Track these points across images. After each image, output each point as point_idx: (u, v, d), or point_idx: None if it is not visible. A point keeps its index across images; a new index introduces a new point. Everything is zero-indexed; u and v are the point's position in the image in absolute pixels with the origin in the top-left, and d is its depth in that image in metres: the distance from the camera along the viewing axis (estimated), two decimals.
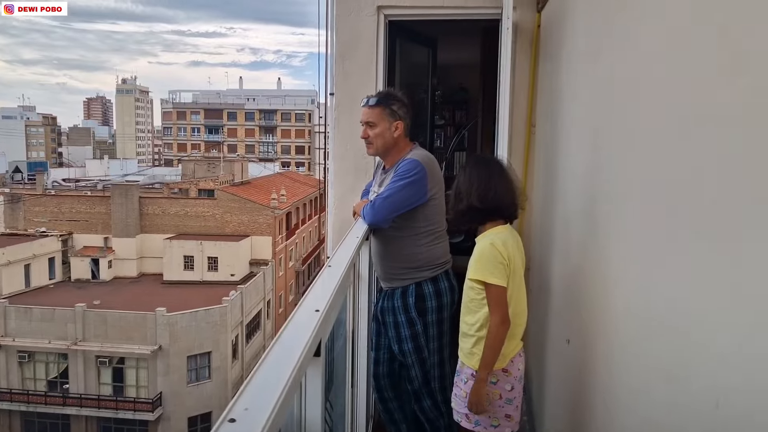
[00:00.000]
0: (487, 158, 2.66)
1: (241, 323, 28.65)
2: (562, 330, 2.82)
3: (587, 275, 2.40)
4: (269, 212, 34.14)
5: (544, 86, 3.61)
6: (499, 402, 2.44)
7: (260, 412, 0.95)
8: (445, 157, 6.87)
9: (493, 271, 2.36)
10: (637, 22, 1.91)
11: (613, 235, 2.08)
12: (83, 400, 25.54)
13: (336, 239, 4.14)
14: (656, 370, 1.62)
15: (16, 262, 29.64)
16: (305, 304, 1.56)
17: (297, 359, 1.16)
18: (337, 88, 4.14)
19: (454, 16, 4.09)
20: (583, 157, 2.57)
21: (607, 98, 2.20)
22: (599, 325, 2.22)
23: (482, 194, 2.43)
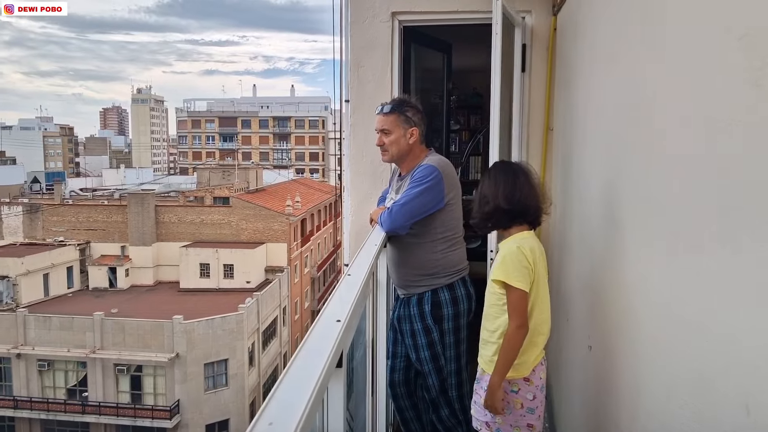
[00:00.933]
0: (511, 162, 2.65)
1: (258, 330, 28.73)
2: (583, 336, 2.78)
3: (609, 280, 2.37)
4: (284, 219, 34.24)
5: (561, 89, 3.58)
6: (520, 411, 2.41)
7: (285, 427, 0.93)
8: (461, 162, 6.84)
9: (517, 275, 2.32)
10: (659, 23, 1.88)
11: (637, 240, 2.05)
12: (102, 407, 25.75)
13: (353, 246, 4.13)
14: (683, 376, 1.59)
15: (35, 271, 29.99)
16: (326, 313, 1.54)
17: (320, 372, 1.15)
18: (352, 94, 4.14)
19: (468, 21, 4.07)
20: (603, 160, 2.54)
21: (628, 101, 2.18)
22: (622, 331, 2.19)
23: (509, 196, 2.41)
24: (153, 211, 34.51)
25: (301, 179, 54.37)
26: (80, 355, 25.80)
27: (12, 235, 35.03)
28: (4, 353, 26.19)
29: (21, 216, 35.57)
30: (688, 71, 1.59)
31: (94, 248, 34.69)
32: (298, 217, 35.64)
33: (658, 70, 1.87)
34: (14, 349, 26.03)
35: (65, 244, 33.50)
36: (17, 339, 26.20)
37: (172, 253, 33.05)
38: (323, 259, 41.37)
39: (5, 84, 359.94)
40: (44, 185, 51.52)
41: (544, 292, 2.42)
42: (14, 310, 27.17)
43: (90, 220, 35.20)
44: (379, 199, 3.39)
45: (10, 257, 29.86)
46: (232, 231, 34.35)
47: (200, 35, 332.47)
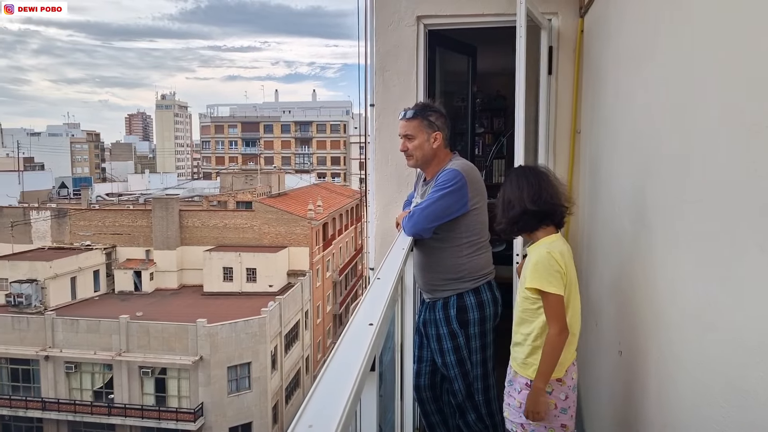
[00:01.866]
0: (530, 166, 2.66)
1: (280, 334, 28.88)
2: (613, 341, 2.75)
3: (639, 284, 2.35)
4: (306, 223, 34.42)
5: (588, 91, 3.55)
6: (554, 411, 2.42)
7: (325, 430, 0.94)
8: (485, 165, 6.81)
9: (551, 280, 2.33)
10: (689, 24, 1.86)
11: (668, 243, 2.03)
12: (127, 409, 26.07)
13: (379, 250, 4.13)
14: (716, 382, 1.57)
15: (63, 275, 30.52)
16: (358, 317, 1.55)
17: (356, 375, 1.15)
18: (377, 99, 4.15)
19: (494, 24, 4.06)
20: (633, 162, 2.52)
21: (660, 101, 2.15)
22: (653, 336, 2.16)
23: (534, 197, 2.42)
24: (177, 215, 34.92)
25: (322, 183, 54.66)
26: (106, 358, 26.18)
27: (40, 240, 35.72)
28: (32, 355, 26.68)
29: (49, 220, 36.25)
30: (721, 68, 1.57)
31: (120, 252, 35.22)
32: (320, 221, 35.79)
33: (688, 72, 1.85)
34: (42, 352, 26.50)
35: (92, 248, 34.07)
36: (45, 341, 26.68)
37: (196, 256, 33.40)
38: (345, 263, 41.47)
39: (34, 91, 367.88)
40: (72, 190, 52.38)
41: (575, 293, 2.42)
42: (43, 313, 27.67)
43: (116, 225, 35.74)
44: (405, 203, 3.38)
45: (38, 261, 30.44)
46: (255, 235, 34.61)
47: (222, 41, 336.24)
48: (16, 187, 44.52)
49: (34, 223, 36.03)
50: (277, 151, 78.00)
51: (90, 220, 36.15)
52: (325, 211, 37.45)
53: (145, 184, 60.24)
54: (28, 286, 29.10)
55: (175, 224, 34.70)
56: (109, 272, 34.31)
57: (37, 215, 36.35)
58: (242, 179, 44.32)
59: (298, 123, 78.24)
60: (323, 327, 36.99)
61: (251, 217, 35.04)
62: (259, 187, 41.48)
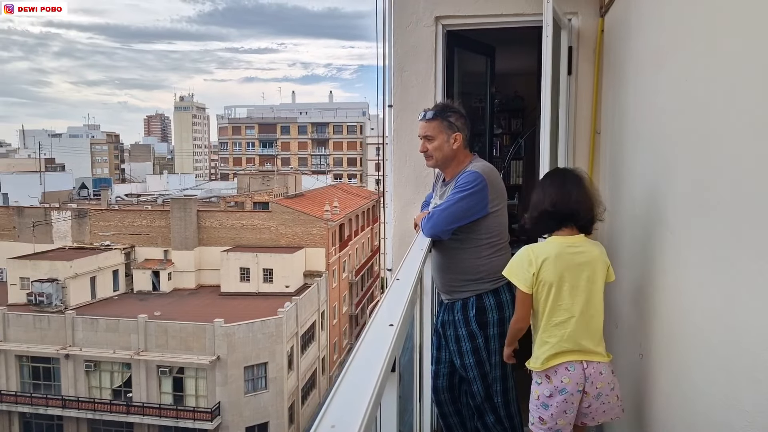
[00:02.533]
0: (563, 168, 2.67)
1: (296, 334, 28.99)
2: (634, 344, 2.72)
3: (662, 286, 2.32)
4: (322, 224, 34.52)
5: (609, 92, 3.52)
6: (535, 402, 2.50)
7: (348, 430, 0.94)
8: (503, 166, 6.78)
9: (516, 272, 2.48)
10: (712, 24, 1.84)
11: (692, 244, 2.00)
12: (145, 408, 26.33)
13: (397, 251, 4.13)
14: (743, 385, 1.54)
15: (83, 274, 30.90)
16: (378, 318, 1.55)
17: (378, 375, 1.15)
18: (395, 99, 4.15)
19: (513, 24, 4.04)
20: (654, 164, 2.49)
21: (681, 102, 2.13)
22: (676, 339, 2.14)
23: (555, 199, 2.44)
24: (195, 216, 35.21)
25: (339, 184, 54.78)
26: (125, 357, 26.47)
27: (61, 239, 36.21)
28: (53, 354, 27.06)
29: (70, 221, 36.73)
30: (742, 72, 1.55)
31: (139, 252, 35.58)
32: (336, 222, 35.89)
33: (710, 72, 1.83)
34: (63, 350, 26.87)
35: (111, 248, 34.46)
36: (65, 340, 27.04)
37: (214, 257, 33.65)
38: (361, 264, 41.53)
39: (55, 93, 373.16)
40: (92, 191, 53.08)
41: (566, 299, 2.41)
42: (63, 312, 28.05)
43: (134, 225, 36.12)
44: (423, 204, 3.38)
45: (59, 260, 30.86)
46: (272, 236, 34.79)
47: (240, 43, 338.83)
48: (37, 188, 45.19)
49: (55, 223, 36.54)
50: (294, 153, 78.36)
51: (109, 221, 36.58)
52: (342, 212, 37.54)
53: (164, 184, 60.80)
54: (49, 285, 29.51)
55: (193, 225, 34.99)
56: (128, 272, 34.68)
57: (58, 215, 36.86)
58: (259, 180, 44.59)
59: (314, 124, 78.53)
60: (339, 328, 37.07)
61: (268, 218, 35.22)
62: (275, 188, 41.70)
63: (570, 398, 2.41)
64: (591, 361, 2.43)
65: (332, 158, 77.60)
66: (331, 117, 78.72)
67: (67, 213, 37.37)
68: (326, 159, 77.85)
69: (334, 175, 69.48)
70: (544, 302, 2.43)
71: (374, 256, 43.13)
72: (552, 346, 2.43)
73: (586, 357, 2.42)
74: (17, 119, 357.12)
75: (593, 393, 2.43)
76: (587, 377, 2.41)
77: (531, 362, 2.52)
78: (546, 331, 2.45)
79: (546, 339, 2.44)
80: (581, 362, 2.42)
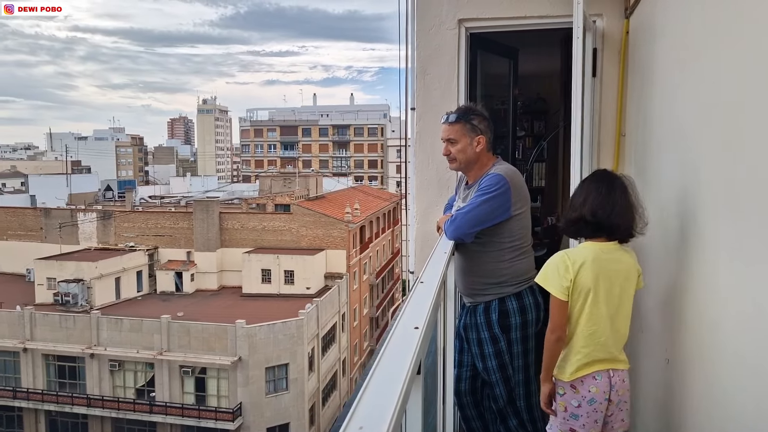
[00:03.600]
0: (611, 174, 2.51)
1: (317, 336, 29.07)
2: (660, 349, 2.69)
3: (689, 290, 2.29)
4: (343, 226, 34.60)
5: (634, 93, 3.49)
6: (564, 414, 2.43)
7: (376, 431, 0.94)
8: (525, 169, 6.74)
9: (551, 279, 2.39)
10: (741, 22, 1.81)
11: (720, 248, 1.98)
12: (168, 408, 26.58)
13: (419, 253, 4.13)
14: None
15: (107, 275, 31.37)
16: (403, 321, 1.55)
17: (404, 378, 1.16)
18: (418, 102, 4.15)
19: (537, 26, 4.02)
20: (682, 166, 2.46)
21: (709, 103, 2.10)
22: (704, 344, 2.11)
23: (595, 209, 2.35)
24: (217, 217, 35.53)
25: (360, 186, 54.87)
26: (148, 357, 26.78)
27: (87, 241, 36.79)
28: (78, 353, 27.49)
29: (95, 222, 37.30)
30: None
31: (162, 253, 36.01)
32: (357, 224, 35.94)
33: (739, 72, 1.80)
34: (88, 350, 27.27)
35: (135, 249, 34.93)
36: (91, 340, 27.45)
37: (235, 258, 33.91)
38: (382, 266, 41.53)
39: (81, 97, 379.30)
40: (116, 193, 53.81)
41: (602, 307, 2.35)
42: (88, 312, 28.49)
43: (158, 227, 36.56)
44: (446, 206, 3.38)
45: (85, 261, 31.38)
46: (293, 237, 34.96)
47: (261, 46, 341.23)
48: (64, 190, 46.02)
49: (81, 224, 37.14)
50: (315, 155, 78.70)
51: (134, 222, 37.08)
52: (363, 214, 37.59)
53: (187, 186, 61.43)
54: (75, 285, 30.02)
55: (215, 226, 35.30)
56: (152, 273, 35.12)
57: (83, 217, 37.47)
58: (281, 182, 44.85)
59: (335, 127, 78.81)
60: (360, 330, 37.10)
61: (289, 220, 35.41)
62: (297, 190, 41.91)
63: (599, 407, 2.36)
64: (617, 369, 2.39)
65: (353, 160, 77.77)
66: (352, 119, 78.93)
67: (93, 214, 37.97)
68: (347, 161, 78.05)
69: (354, 177, 69.59)
70: (579, 309, 2.36)
71: (395, 259, 43.11)
72: (584, 356, 2.37)
73: (612, 365, 2.38)
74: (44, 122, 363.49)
75: (616, 400, 2.40)
76: (612, 385, 2.37)
77: (559, 372, 2.45)
78: (580, 340, 2.38)
79: (579, 348, 2.38)
80: (608, 371, 2.37)
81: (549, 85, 7.22)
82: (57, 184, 46.87)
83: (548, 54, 6.20)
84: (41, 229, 37.37)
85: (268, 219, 36.19)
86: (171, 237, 36.30)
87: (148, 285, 34.67)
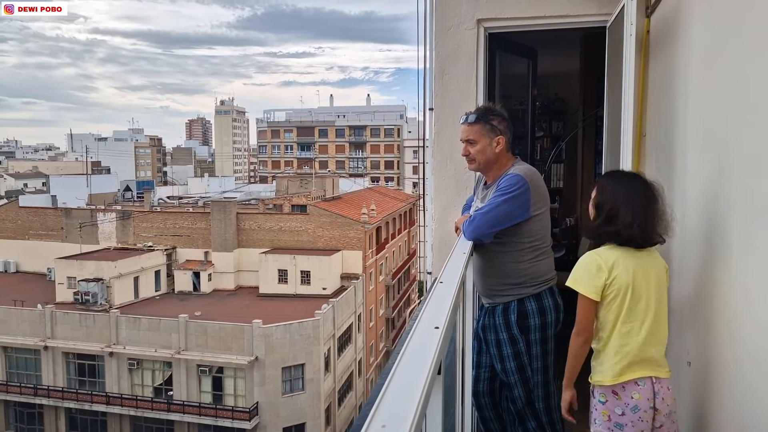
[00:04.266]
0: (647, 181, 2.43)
1: (333, 336, 29.14)
2: (681, 351, 2.66)
3: (713, 292, 2.26)
4: (359, 227, 34.65)
5: (655, 93, 3.45)
6: (607, 424, 2.32)
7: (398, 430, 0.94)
8: (544, 170, 6.71)
9: (583, 280, 2.32)
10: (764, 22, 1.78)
11: (743, 250, 1.95)
12: (186, 406, 26.79)
13: (437, 254, 4.12)
14: None
15: (126, 274, 31.72)
16: (424, 321, 1.55)
17: (426, 377, 1.15)
18: (436, 102, 4.14)
19: (556, 26, 3.99)
20: (705, 167, 2.43)
21: (733, 102, 2.08)
22: (725, 346, 2.08)
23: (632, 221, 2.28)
24: (234, 218, 35.77)
25: (376, 187, 54.91)
26: (166, 356, 27.02)
27: (106, 240, 37.24)
28: (98, 351, 27.83)
29: (114, 222, 37.73)
30: None
31: (180, 253, 36.34)
32: (374, 225, 35.98)
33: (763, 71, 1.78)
34: (107, 348, 27.59)
35: (153, 249, 35.27)
36: (110, 338, 27.76)
37: (252, 258, 34.11)
38: (398, 267, 41.52)
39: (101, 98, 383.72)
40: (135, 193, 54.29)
41: (638, 304, 2.30)
42: (107, 311, 28.83)
43: (176, 227, 36.90)
44: (464, 207, 3.36)
45: (104, 261, 31.76)
46: (309, 238, 35.09)
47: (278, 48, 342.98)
48: (84, 190, 46.54)
49: (101, 224, 37.59)
50: (332, 156, 78.95)
51: (152, 222, 37.45)
52: (379, 214, 37.62)
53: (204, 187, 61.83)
54: (94, 284, 30.40)
55: (233, 227, 35.54)
56: (170, 273, 35.45)
57: (103, 217, 37.92)
58: (297, 183, 45.01)
59: (352, 127, 79.00)
60: (376, 330, 37.12)
61: (306, 221, 35.55)
62: (313, 190, 42.03)
63: (644, 416, 2.28)
64: (660, 377, 2.31)
65: (369, 161, 77.89)
66: (369, 120, 79.05)
67: (112, 215, 38.43)
68: (364, 162, 78.18)
69: (371, 178, 69.69)
70: (616, 309, 2.30)
71: (411, 260, 43.09)
72: (623, 356, 2.30)
73: (655, 372, 2.30)
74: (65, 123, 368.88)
75: (665, 411, 2.30)
76: (656, 393, 2.29)
77: (597, 376, 2.37)
78: (616, 340, 2.32)
79: (617, 349, 2.31)
80: (650, 378, 2.30)
81: (568, 85, 7.18)
82: (77, 185, 47.43)
83: (567, 54, 6.17)
84: (62, 229, 37.89)
85: (284, 219, 36.36)
86: (189, 237, 36.61)
87: (166, 284, 35.00)
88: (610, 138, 3.65)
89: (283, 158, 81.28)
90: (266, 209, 38.93)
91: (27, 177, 73.51)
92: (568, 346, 2.52)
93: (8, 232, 38.97)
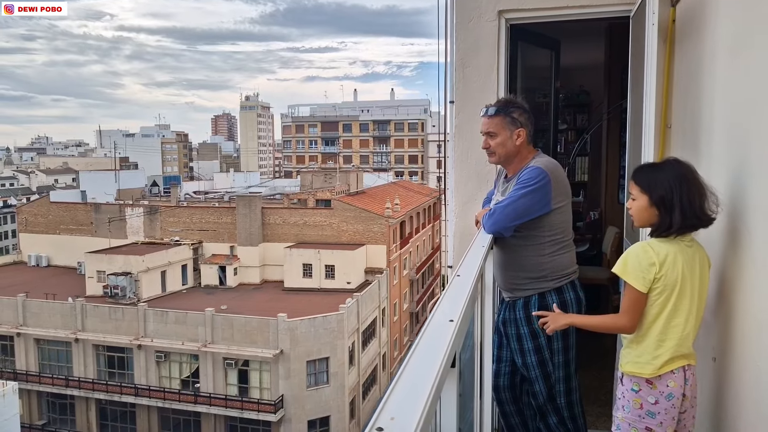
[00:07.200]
0: (695, 174, 2.33)
1: (357, 330, 29.27)
2: (706, 347, 2.61)
3: (738, 287, 2.21)
4: (383, 221, 34.69)
5: (681, 84, 3.38)
6: (638, 411, 2.31)
7: (407, 422, 0.94)
8: (567, 163, 6.63)
9: (633, 271, 2.25)
10: None
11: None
12: (212, 399, 27.17)
13: (458, 248, 4.10)
14: None
15: (154, 268, 32.23)
16: (438, 314, 1.54)
17: (437, 370, 1.15)
18: (457, 95, 4.10)
19: (579, 16, 3.92)
20: (732, 159, 2.38)
21: (763, 93, 2.02)
22: (752, 342, 2.04)
23: (700, 204, 2.23)
24: (259, 212, 36.07)
25: (400, 182, 54.88)
26: (193, 349, 27.43)
27: (134, 235, 37.87)
28: (126, 344, 28.35)
29: (142, 217, 38.32)
30: None
31: (206, 248, 36.79)
32: (398, 219, 35.98)
33: None
34: (135, 341, 28.09)
35: (180, 243, 35.76)
36: (138, 331, 28.26)
37: (277, 253, 34.39)
38: (422, 261, 41.49)
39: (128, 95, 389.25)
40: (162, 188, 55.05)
41: (687, 298, 2.26)
42: (136, 305, 29.35)
43: (202, 221, 37.36)
44: (485, 200, 3.34)
45: (132, 255, 32.30)
46: (334, 232, 35.24)
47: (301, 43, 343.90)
48: (112, 186, 47.35)
49: (129, 219, 38.23)
50: (356, 150, 79.06)
51: (179, 217, 37.97)
52: (403, 209, 37.61)
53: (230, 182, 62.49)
54: (123, 278, 30.96)
55: (258, 221, 35.85)
56: (196, 267, 35.93)
57: (131, 212, 38.54)
58: (321, 178, 45.22)
59: (376, 122, 78.99)
60: (400, 325, 37.17)
61: (330, 215, 35.70)
62: (337, 185, 42.20)
63: (676, 403, 2.27)
64: (691, 365, 2.30)
65: (393, 156, 77.83)
66: (393, 114, 78.96)
67: (140, 210, 39.03)
68: (387, 156, 78.16)
69: (395, 172, 69.68)
70: (661, 304, 2.26)
71: (435, 254, 43.01)
72: (667, 350, 2.27)
73: (688, 360, 2.29)
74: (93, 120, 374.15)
75: (690, 396, 2.30)
76: (686, 380, 2.28)
77: (633, 368, 2.33)
78: (660, 334, 2.28)
79: (659, 343, 2.28)
80: (683, 366, 2.28)
81: (593, 77, 7.07)
82: (106, 180, 48.26)
83: (592, 45, 6.08)
84: (91, 224, 38.64)
85: (309, 214, 36.57)
86: (215, 232, 37.04)
87: (192, 278, 35.48)
88: (633, 129, 3.59)
89: (307, 153, 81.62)
90: (291, 204, 39.19)
91: (57, 173, 75.13)
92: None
93: (40, 227, 39.88)
